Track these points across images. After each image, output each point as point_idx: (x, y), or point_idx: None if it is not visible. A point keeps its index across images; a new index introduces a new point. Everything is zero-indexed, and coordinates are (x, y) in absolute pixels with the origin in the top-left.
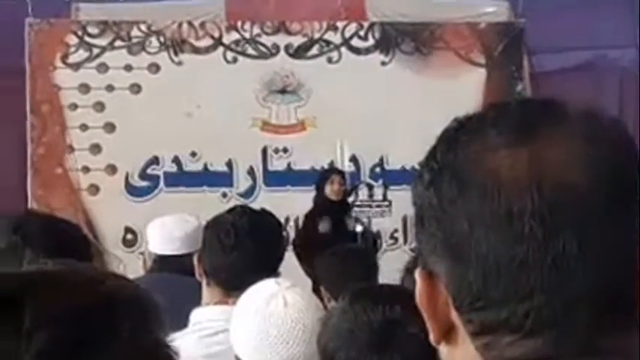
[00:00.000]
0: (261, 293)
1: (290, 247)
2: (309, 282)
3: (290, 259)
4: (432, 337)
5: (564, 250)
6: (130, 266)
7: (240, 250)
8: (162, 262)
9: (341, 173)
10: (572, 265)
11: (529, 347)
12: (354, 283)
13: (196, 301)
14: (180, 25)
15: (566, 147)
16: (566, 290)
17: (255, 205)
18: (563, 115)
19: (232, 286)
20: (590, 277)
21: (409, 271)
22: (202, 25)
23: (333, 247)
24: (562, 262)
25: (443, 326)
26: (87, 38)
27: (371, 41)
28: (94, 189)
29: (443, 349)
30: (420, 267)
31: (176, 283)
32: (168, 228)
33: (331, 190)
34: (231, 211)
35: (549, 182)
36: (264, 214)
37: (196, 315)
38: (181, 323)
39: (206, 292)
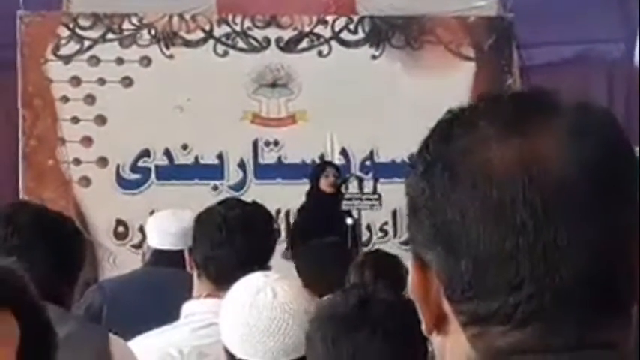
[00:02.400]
0: (250, 285)
1: (280, 240)
2: None
3: (281, 251)
4: (424, 327)
5: (554, 242)
6: (121, 259)
7: (231, 243)
8: (159, 256)
9: (335, 167)
10: (562, 257)
11: (519, 338)
12: (331, 277)
13: (189, 294)
14: (171, 18)
15: (557, 138)
16: (556, 281)
17: (246, 198)
18: (554, 107)
19: (223, 279)
20: (580, 268)
21: (361, 266)
22: (193, 18)
23: (312, 241)
24: (552, 253)
25: (435, 316)
26: (78, 31)
27: (361, 35)
28: (86, 181)
29: (435, 339)
30: (412, 257)
31: (169, 276)
32: (166, 223)
33: (326, 184)
34: (221, 203)
35: (540, 173)
36: (255, 206)
37: (187, 307)
38: (174, 315)
39: (197, 284)
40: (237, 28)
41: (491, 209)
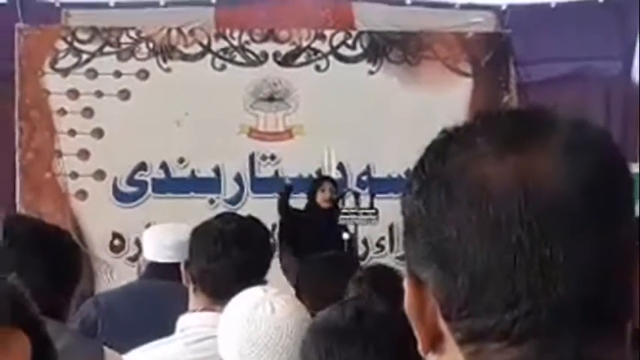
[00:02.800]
0: (248, 300)
1: (276, 254)
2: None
3: (277, 266)
4: (420, 347)
5: (551, 259)
6: (117, 271)
7: (227, 257)
8: (155, 269)
9: (332, 181)
10: (558, 274)
11: (516, 355)
12: (333, 292)
13: (185, 308)
14: (169, 31)
15: (553, 156)
16: (553, 298)
17: (243, 212)
18: (551, 125)
19: (219, 293)
20: (577, 286)
21: (359, 281)
22: (191, 32)
23: (313, 255)
24: (549, 270)
25: (431, 335)
26: (76, 44)
27: (359, 50)
28: (82, 194)
29: (432, 359)
30: (407, 276)
31: (165, 290)
32: (162, 236)
33: (322, 198)
34: (218, 217)
35: (537, 191)
36: (252, 221)
37: (183, 321)
38: (169, 329)
39: (193, 298)
40: (235, 43)
41: (487, 226)
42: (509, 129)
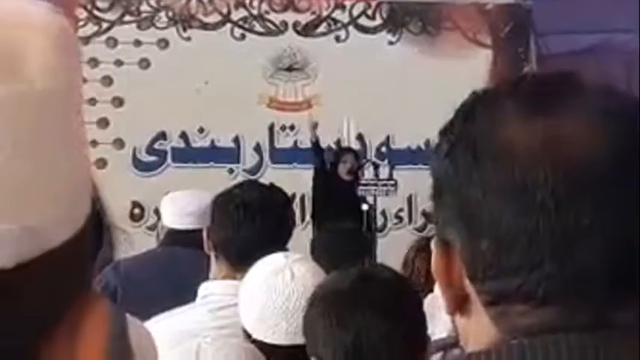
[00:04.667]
0: (270, 265)
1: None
2: None
3: (297, 235)
4: (446, 308)
5: (576, 222)
6: (137, 240)
7: (249, 224)
8: (175, 236)
9: (354, 153)
10: (582, 237)
11: (541, 317)
12: (345, 263)
13: (205, 275)
14: (189, 0)
15: (581, 120)
16: (577, 261)
17: (262, 182)
18: (579, 89)
19: (240, 260)
20: (601, 249)
21: (419, 250)
22: (211, 1)
23: (326, 226)
24: (573, 233)
25: (457, 297)
26: (96, 12)
27: (378, 20)
28: (102, 163)
29: (459, 321)
30: (435, 239)
31: (186, 257)
32: (182, 203)
33: (344, 170)
34: (239, 186)
35: (563, 154)
36: (273, 189)
37: (204, 289)
38: (189, 297)
39: (214, 266)
40: (255, 12)
41: (512, 188)
42: (536, 92)
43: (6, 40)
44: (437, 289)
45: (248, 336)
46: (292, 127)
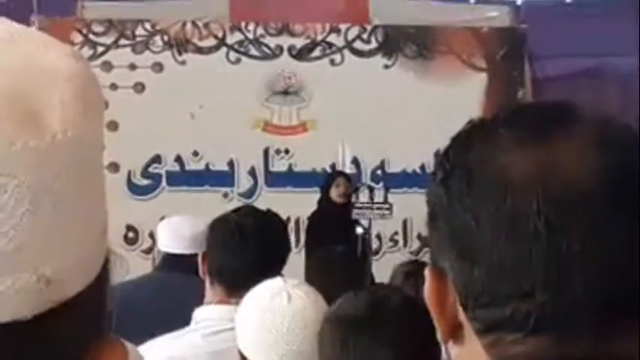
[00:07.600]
0: (267, 290)
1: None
2: None
3: (292, 260)
4: (439, 336)
5: (567, 251)
6: (132, 264)
7: (245, 250)
8: (170, 261)
9: (347, 176)
10: (574, 266)
11: (532, 345)
12: (339, 290)
13: (200, 300)
14: (184, 24)
15: (576, 148)
16: (569, 291)
17: (256, 206)
18: (575, 117)
19: (235, 286)
20: (593, 278)
21: (408, 275)
22: (206, 25)
23: (320, 252)
24: (565, 262)
25: (451, 324)
26: (91, 36)
27: (374, 44)
28: None
29: (452, 349)
30: (429, 264)
31: (180, 281)
32: (178, 227)
33: (337, 193)
34: (236, 211)
35: (556, 182)
36: (270, 215)
37: (199, 313)
38: (183, 321)
39: (209, 291)
40: (250, 36)
41: (505, 216)
42: (532, 120)
43: (29, 92)
44: None
45: (244, 359)
46: (287, 151)
